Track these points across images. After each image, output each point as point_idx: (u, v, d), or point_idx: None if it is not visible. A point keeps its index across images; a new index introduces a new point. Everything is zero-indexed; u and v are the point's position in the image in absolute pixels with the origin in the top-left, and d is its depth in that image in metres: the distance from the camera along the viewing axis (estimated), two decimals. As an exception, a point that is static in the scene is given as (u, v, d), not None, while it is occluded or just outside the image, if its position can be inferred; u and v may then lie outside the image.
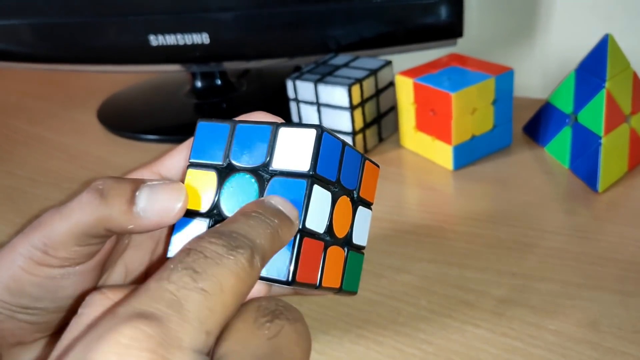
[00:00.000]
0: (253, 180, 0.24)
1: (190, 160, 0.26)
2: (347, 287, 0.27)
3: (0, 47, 0.62)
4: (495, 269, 0.36)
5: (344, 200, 0.26)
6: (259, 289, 0.27)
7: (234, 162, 0.25)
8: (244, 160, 0.25)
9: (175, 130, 0.60)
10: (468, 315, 0.33)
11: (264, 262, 0.20)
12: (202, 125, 0.26)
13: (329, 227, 0.25)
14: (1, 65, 0.64)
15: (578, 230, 0.39)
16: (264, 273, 0.23)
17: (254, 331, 0.19)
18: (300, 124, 0.24)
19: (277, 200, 0.23)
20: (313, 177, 0.23)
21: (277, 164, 0.24)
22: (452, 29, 0.53)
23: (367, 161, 0.27)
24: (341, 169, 0.25)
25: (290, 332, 0.20)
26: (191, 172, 0.26)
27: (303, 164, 0.23)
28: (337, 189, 0.25)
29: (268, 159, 0.24)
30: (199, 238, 0.20)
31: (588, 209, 0.41)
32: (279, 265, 0.23)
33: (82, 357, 0.17)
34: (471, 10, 0.62)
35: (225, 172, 0.25)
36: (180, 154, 0.29)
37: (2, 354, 0.27)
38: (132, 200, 0.24)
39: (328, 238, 0.25)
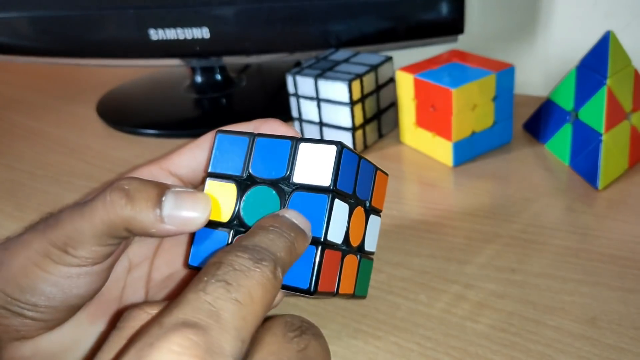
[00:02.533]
0: (274, 192, 0.25)
1: (209, 171, 0.26)
2: (359, 292, 0.28)
3: (-1, 40, 0.62)
4: (495, 264, 0.36)
5: (359, 211, 0.26)
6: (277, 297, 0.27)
7: (254, 175, 0.25)
8: (264, 172, 0.25)
9: (174, 125, 0.60)
10: (467, 311, 0.33)
11: (284, 273, 0.22)
12: (221, 137, 0.27)
13: (346, 238, 0.26)
14: (0, 59, 0.64)
15: (578, 226, 0.39)
16: (288, 282, 0.24)
17: (284, 344, 0.21)
18: (320, 140, 0.25)
19: (292, 214, 0.24)
20: (334, 192, 0.24)
21: (298, 178, 0.24)
22: (454, 26, 0.52)
23: (378, 171, 0.28)
24: (357, 182, 0.26)
25: (317, 346, 0.22)
26: (210, 182, 0.26)
27: (324, 179, 0.24)
28: (353, 201, 0.26)
29: (289, 172, 0.25)
30: (226, 252, 0.21)
31: (588, 205, 0.41)
32: (302, 276, 0.24)
33: None
34: (472, 6, 0.62)
35: (245, 184, 0.25)
36: (190, 153, 0.29)
37: (3, 347, 0.27)
38: (157, 204, 0.24)
39: (345, 247, 0.26)
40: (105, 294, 0.29)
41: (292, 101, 0.51)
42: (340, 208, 0.25)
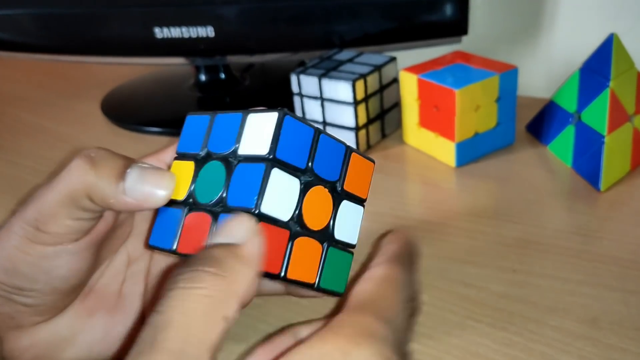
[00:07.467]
0: (222, 167, 0.24)
1: (177, 152, 0.27)
2: (328, 284, 0.26)
3: (4, 37, 0.62)
4: (497, 265, 0.36)
5: (320, 191, 0.25)
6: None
7: (211, 151, 0.25)
8: (218, 148, 0.25)
9: (178, 123, 0.59)
10: (469, 310, 0.33)
11: None
12: (190, 119, 0.27)
13: (297, 216, 0.24)
14: (5, 55, 0.64)
15: (580, 228, 0.39)
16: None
17: None
18: (266, 109, 0.24)
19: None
20: (272, 161, 0.23)
21: (242, 150, 0.24)
22: (458, 27, 0.53)
23: (354, 153, 0.26)
24: (313, 157, 0.24)
25: None
26: (175, 163, 0.26)
27: (263, 148, 0.23)
28: (310, 178, 0.24)
29: (237, 145, 0.24)
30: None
31: (590, 207, 0.41)
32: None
33: None
34: (476, 8, 0.62)
35: (202, 161, 0.25)
36: None
37: (2, 337, 0.27)
38: (121, 175, 0.24)
39: (298, 228, 0.24)
40: (104, 287, 0.29)
41: (296, 100, 0.51)
42: (284, 180, 0.23)
